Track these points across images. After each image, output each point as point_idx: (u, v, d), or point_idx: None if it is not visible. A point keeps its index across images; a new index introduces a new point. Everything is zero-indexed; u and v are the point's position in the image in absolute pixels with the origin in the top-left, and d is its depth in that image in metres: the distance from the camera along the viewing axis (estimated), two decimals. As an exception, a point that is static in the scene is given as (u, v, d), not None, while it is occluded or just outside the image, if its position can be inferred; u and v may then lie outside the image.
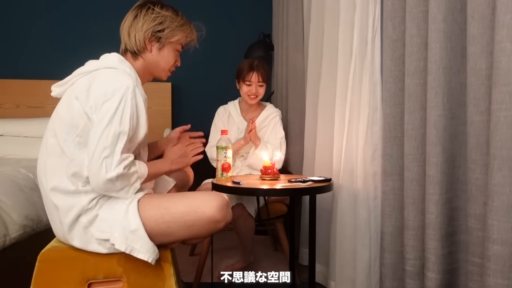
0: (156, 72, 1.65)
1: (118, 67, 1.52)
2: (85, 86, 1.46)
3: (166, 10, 1.60)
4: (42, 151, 1.53)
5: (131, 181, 1.45)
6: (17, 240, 1.89)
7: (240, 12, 3.65)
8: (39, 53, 3.48)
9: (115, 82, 1.44)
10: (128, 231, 1.42)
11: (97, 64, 1.53)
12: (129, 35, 1.59)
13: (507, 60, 1.12)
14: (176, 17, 1.62)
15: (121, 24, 1.62)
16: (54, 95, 1.59)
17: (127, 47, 1.60)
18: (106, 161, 1.38)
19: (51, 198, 1.47)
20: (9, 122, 3.11)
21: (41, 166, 1.52)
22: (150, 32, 1.58)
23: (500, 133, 1.14)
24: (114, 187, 1.41)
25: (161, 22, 1.58)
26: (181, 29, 1.62)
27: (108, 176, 1.38)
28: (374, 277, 1.84)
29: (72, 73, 1.54)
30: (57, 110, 1.53)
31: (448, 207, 1.41)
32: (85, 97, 1.44)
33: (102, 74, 1.49)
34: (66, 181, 1.44)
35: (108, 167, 1.38)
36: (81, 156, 1.44)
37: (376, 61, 1.82)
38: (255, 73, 2.47)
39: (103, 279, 1.49)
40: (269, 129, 2.56)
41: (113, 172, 1.38)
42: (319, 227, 2.15)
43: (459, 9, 1.36)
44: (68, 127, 1.44)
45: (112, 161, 1.38)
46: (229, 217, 1.52)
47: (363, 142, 1.89)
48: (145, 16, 1.58)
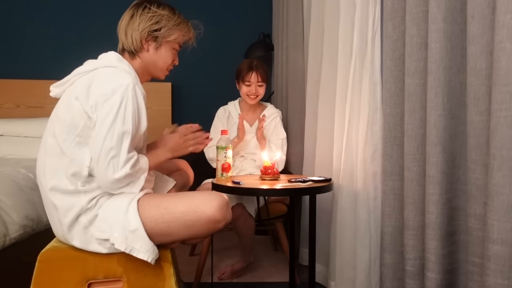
0: (154, 71, 1.65)
1: (116, 66, 1.51)
2: (84, 86, 1.46)
3: (162, 9, 1.60)
4: (41, 151, 1.53)
5: (136, 177, 1.47)
6: (17, 240, 1.89)
7: (240, 12, 3.65)
8: (39, 53, 3.48)
9: (115, 80, 1.44)
10: (128, 230, 1.42)
11: (95, 63, 1.53)
12: (126, 35, 1.59)
13: (507, 60, 1.12)
14: (173, 16, 1.62)
15: (118, 23, 1.63)
16: (53, 95, 1.59)
17: (124, 46, 1.60)
18: (113, 162, 1.39)
19: (50, 198, 1.47)
20: (9, 122, 3.11)
21: (40, 166, 1.52)
22: (146, 32, 1.57)
23: (500, 133, 1.14)
24: (121, 185, 1.44)
25: (158, 21, 1.58)
26: (178, 28, 1.62)
27: (116, 176, 1.40)
28: (374, 277, 1.84)
29: (71, 73, 1.54)
30: (56, 111, 1.53)
31: (448, 207, 1.41)
32: (85, 96, 1.44)
33: (101, 73, 1.48)
34: (66, 181, 1.44)
35: (116, 167, 1.40)
36: (81, 156, 1.44)
37: (376, 61, 1.82)
38: (254, 73, 2.47)
39: (103, 279, 1.49)
40: (270, 130, 2.56)
41: (120, 172, 1.40)
42: (319, 227, 2.15)
43: (459, 9, 1.36)
44: (68, 127, 1.44)
45: (119, 161, 1.40)
46: (229, 217, 1.52)
47: (363, 142, 1.89)
48: (142, 16, 1.58)
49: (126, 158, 1.41)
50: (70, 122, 1.44)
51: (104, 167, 1.40)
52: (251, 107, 2.59)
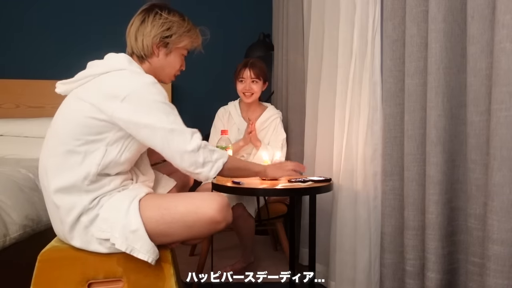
0: (161, 76, 1.66)
1: (127, 68, 1.52)
2: (98, 88, 1.46)
3: (173, 16, 1.61)
4: (45, 151, 1.53)
5: (213, 157, 1.49)
6: (17, 240, 1.89)
7: (240, 12, 3.65)
8: (39, 53, 3.48)
9: (137, 79, 1.47)
10: (129, 231, 1.42)
11: (106, 65, 1.53)
12: (136, 40, 1.59)
13: (507, 60, 1.12)
14: (183, 22, 1.63)
15: (127, 28, 1.63)
16: (59, 91, 1.58)
17: (133, 50, 1.61)
18: (179, 138, 1.43)
19: (52, 197, 1.47)
20: (9, 122, 3.11)
21: (43, 166, 1.51)
22: (158, 38, 1.58)
23: (500, 133, 1.14)
24: (198, 160, 1.45)
25: (169, 28, 1.59)
26: (188, 34, 1.64)
27: (189, 148, 1.43)
28: (374, 277, 1.84)
29: (80, 74, 1.53)
30: (63, 111, 1.52)
31: (448, 207, 1.41)
32: (101, 98, 1.43)
33: (118, 75, 1.49)
34: (71, 180, 1.44)
35: (185, 140, 1.44)
36: (91, 155, 1.44)
37: (376, 61, 1.82)
38: (247, 69, 2.46)
39: (103, 279, 1.49)
40: (270, 131, 2.55)
41: (192, 142, 1.44)
42: (319, 227, 2.15)
43: (459, 9, 1.36)
44: (77, 127, 1.44)
45: (185, 134, 1.44)
46: (229, 218, 1.52)
47: (363, 142, 1.89)
48: (153, 22, 1.59)
49: (190, 130, 1.46)
50: (79, 122, 1.44)
51: (174, 146, 1.43)
52: (250, 107, 2.59)
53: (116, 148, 1.46)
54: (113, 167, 1.47)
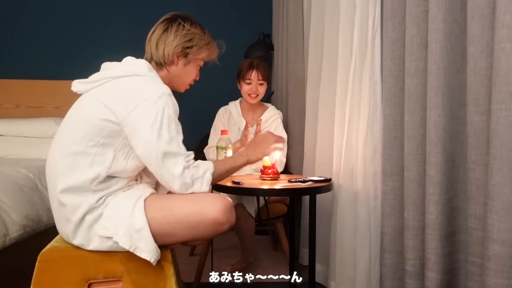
0: (176, 84, 1.70)
1: (147, 75, 1.55)
2: (116, 92, 1.48)
3: (195, 28, 1.65)
4: (55, 150, 1.52)
5: (199, 172, 1.51)
6: (17, 240, 1.89)
7: (240, 12, 3.64)
8: (40, 53, 3.47)
9: (154, 88, 1.49)
10: (133, 230, 1.42)
11: (125, 69, 1.55)
12: (157, 47, 1.62)
13: (507, 60, 1.12)
14: (204, 35, 1.68)
15: (149, 34, 1.66)
16: (75, 90, 1.60)
17: (153, 57, 1.64)
18: (170, 162, 1.45)
19: (58, 196, 1.47)
20: (9, 122, 3.11)
21: (53, 165, 1.51)
22: (180, 48, 1.62)
23: (500, 133, 1.14)
24: (186, 181, 1.47)
25: (191, 39, 1.63)
26: (208, 47, 1.69)
27: (176, 172, 1.45)
28: (374, 277, 1.84)
29: (96, 75, 1.56)
30: (79, 112, 1.54)
31: (448, 207, 1.41)
32: (117, 102, 1.45)
33: (135, 81, 1.52)
34: (78, 181, 1.44)
35: (176, 164, 1.45)
36: (103, 157, 1.45)
37: (376, 61, 1.82)
38: (254, 71, 2.47)
39: (103, 279, 1.49)
40: (271, 131, 2.55)
41: (177, 167, 1.45)
42: (319, 227, 2.15)
43: (459, 9, 1.36)
44: (92, 128, 1.45)
45: (177, 159, 1.46)
46: (233, 220, 1.53)
47: (363, 142, 1.89)
48: (176, 32, 1.62)
49: (184, 154, 1.47)
50: (95, 124, 1.45)
51: (165, 171, 1.45)
52: (251, 107, 2.59)
53: (123, 155, 1.48)
54: (122, 172, 1.50)
